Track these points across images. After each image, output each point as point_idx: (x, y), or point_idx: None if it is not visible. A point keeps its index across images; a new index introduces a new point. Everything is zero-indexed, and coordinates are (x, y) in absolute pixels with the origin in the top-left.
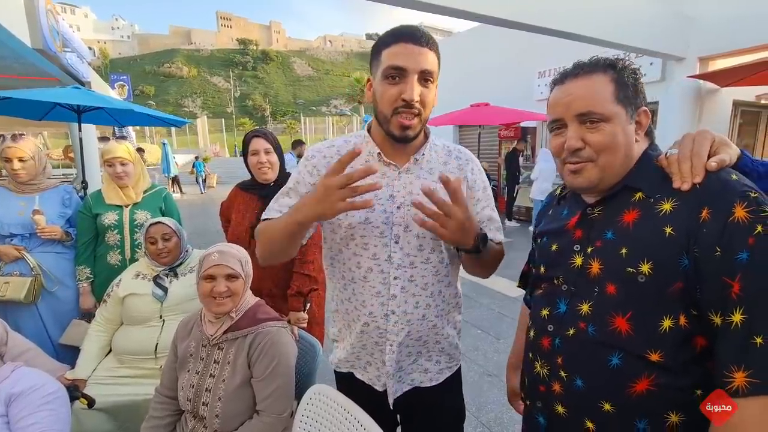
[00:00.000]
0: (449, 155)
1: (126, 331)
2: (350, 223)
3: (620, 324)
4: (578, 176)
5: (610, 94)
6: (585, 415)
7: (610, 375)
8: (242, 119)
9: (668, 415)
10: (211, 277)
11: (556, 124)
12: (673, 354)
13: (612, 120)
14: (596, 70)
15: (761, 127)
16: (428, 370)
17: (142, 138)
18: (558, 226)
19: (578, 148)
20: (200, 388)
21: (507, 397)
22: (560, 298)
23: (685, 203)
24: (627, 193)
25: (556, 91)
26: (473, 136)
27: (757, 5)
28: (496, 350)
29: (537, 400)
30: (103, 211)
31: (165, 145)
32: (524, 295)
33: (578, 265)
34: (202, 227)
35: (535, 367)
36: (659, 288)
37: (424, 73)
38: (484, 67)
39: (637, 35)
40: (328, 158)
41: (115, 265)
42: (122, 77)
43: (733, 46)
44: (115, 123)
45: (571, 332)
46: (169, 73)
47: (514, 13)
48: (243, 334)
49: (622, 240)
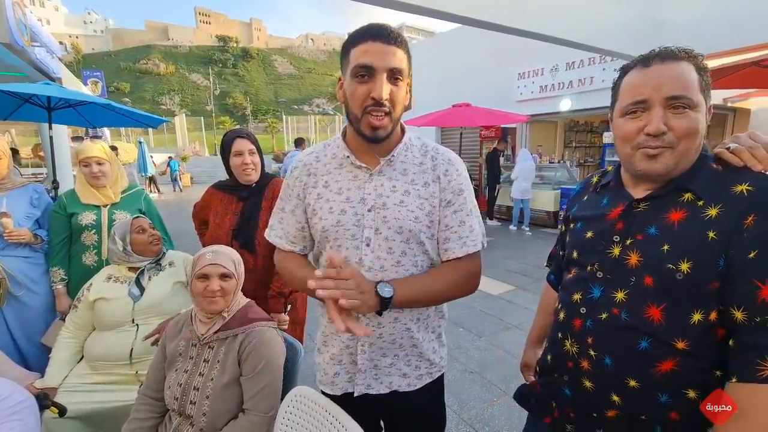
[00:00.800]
0: (425, 155)
1: (98, 336)
2: (323, 227)
3: (654, 313)
4: (655, 162)
5: (696, 83)
6: (611, 389)
7: (638, 356)
8: (222, 118)
9: (687, 391)
10: (204, 276)
11: (637, 106)
12: (697, 343)
13: (697, 108)
14: (684, 57)
15: (728, 129)
16: (407, 375)
17: (118, 137)
18: (596, 214)
19: (663, 132)
20: (188, 387)
21: (519, 367)
22: (594, 284)
23: (732, 208)
24: (677, 192)
25: (639, 73)
26: (455, 136)
27: (723, 11)
28: (477, 348)
29: (564, 374)
30: (80, 211)
31: (141, 143)
32: (548, 274)
33: (616, 254)
34: (179, 228)
35: (564, 345)
36: (695, 285)
37: (393, 72)
38: (465, 68)
39: (610, 39)
40: (308, 165)
41: (91, 266)
42: (96, 73)
43: (702, 51)
44: (86, 124)
45: (604, 316)
46: (146, 69)
47: (492, 15)
48: (234, 334)
49: (665, 237)
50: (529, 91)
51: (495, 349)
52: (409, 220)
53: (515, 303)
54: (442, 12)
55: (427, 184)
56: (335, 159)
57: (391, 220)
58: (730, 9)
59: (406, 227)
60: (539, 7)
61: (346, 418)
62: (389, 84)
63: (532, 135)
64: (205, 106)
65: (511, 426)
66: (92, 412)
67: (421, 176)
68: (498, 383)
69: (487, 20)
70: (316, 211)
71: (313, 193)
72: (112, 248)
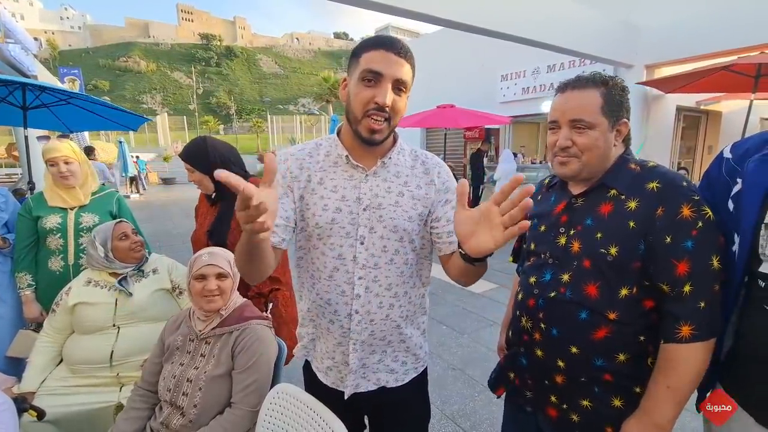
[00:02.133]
0: (416, 160)
1: (77, 340)
2: (317, 223)
3: (591, 290)
4: (564, 167)
5: (597, 107)
6: (557, 356)
7: (579, 326)
8: (206, 117)
9: (618, 354)
10: (202, 277)
11: (553, 124)
12: (625, 313)
13: (596, 128)
14: (590, 86)
15: (701, 130)
16: (394, 371)
17: (97, 136)
18: (546, 210)
19: (567, 146)
20: (182, 379)
21: (496, 349)
22: (546, 269)
23: (646, 202)
24: (604, 189)
25: (557, 98)
26: (439, 136)
27: (697, 18)
28: (460, 345)
29: (521, 347)
30: (45, 214)
31: (122, 143)
32: (516, 267)
33: (562, 243)
34: (153, 231)
35: (521, 321)
36: (622, 265)
37: (398, 82)
38: (449, 69)
39: (590, 44)
40: (300, 160)
41: (57, 272)
42: (73, 71)
43: (676, 56)
44: (63, 128)
45: (553, 295)
46: (126, 67)
47: (475, 19)
48: (230, 330)
49: (598, 226)
50: (511, 92)
51: (477, 346)
52: (403, 219)
53: (497, 300)
54: (425, 15)
55: (419, 187)
56: (329, 157)
57: (387, 219)
58: (701, 16)
59: (401, 226)
60: (520, 11)
61: (329, 416)
62: (393, 93)
63: (515, 136)
64: (188, 105)
65: (492, 420)
66: (72, 415)
67: (414, 179)
68: (480, 379)
69: (469, 23)
70: (309, 206)
71: (307, 188)
72: (93, 254)
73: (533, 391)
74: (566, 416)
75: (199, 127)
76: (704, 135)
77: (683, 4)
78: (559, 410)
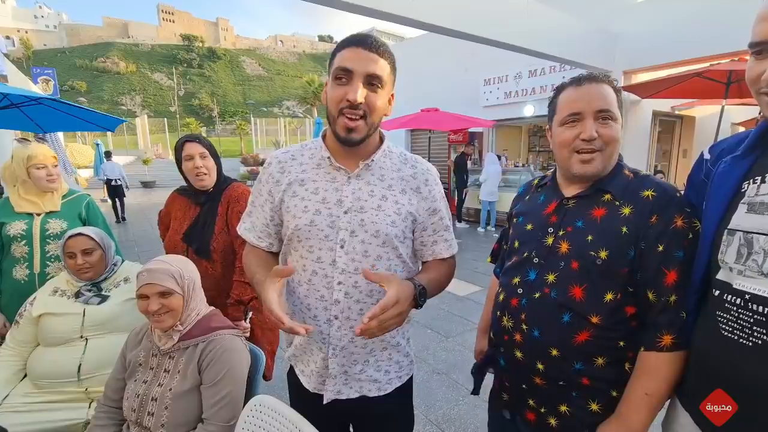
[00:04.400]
0: (404, 163)
1: (42, 353)
2: (296, 225)
3: (576, 292)
4: (588, 165)
5: (615, 100)
6: (537, 358)
7: (561, 328)
8: (188, 119)
9: (596, 358)
10: (144, 296)
11: (573, 117)
12: (607, 318)
13: (617, 120)
14: (604, 81)
15: (676, 134)
16: (377, 380)
17: (73, 138)
18: (535, 209)
19: (594, 138)
20: (146, 398)
21: (474, 354)
22: (531, 268)
23: (640, 209)
24: (599, 193)
25: (573, 90)
26: (424, 139)
27: (673, 26)
28: (445, 348)
29: (500, 347)
30: (9, 220)
31: (99, 145)
32: (494, 268)
33: (549, 243)
34: (133, 235)
35: (502, 321)
36: (610, 270)
37: (370, 77)
38: (433, 73)
39: (570, 49)
40: (283, 163)
41: (22, 280)
42: (47, 71)
43: (652, 62)
44: (35, 129)
45: (537, 295)
46: (104, 68)
47: (458, 23)
48: (195, 343)
49: (590, 229)
50: (494, 97)
51: (462, 350)
52: (386, 224)
53: (482, 303)
54: (409, 19)
55: (404, 192)
56: (313, 159)
57: (369, 223)
58: (677, 24)
59: (383, 231)
60: (502, 17)
61: (310, 429)
62: (366, 89)
63: (498, 140)
64: (168, 107)
65: (476, 425)
66: None
67: (399, 183)
68: (464, 383)
69: (452, 27)
70: (289, 209)
71: (288, 191)
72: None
73: (510, 394)
74: (544, 420)
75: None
76: (679, 139)
77: (660, 12)
78: (537, 414)
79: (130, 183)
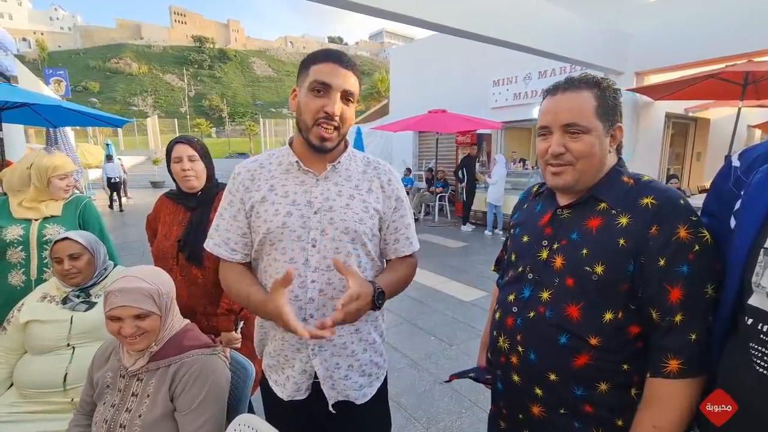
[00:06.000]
0: (368, 165)
1: (28, 361)
2: (268, 228)
3: (573, 311)
4: (558, 177)
5: (592, 110)
6: (535, 383)
7: (558, 351)
8: (198, 120)
9: (599, 384)
10: (116, 318)
11: (543, 130)
12: (608, 339)
13: (591, 132)
14: (583, 87)
15: (690, 137)
16: (362, 386)
17: (84, 138)
18: (531, 220)
19: (560, 153)
20: (114, 424)
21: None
22: (525, 285)
23: (639, 218)
24: (593, 202)
25: (547, 101)
26: (431, 141)
27: (686, 26)
28: (448, 357)
29: (497, 369)
30: (6, 225)
31: (109, 146)
32: (497, 279)
33: (544, 258)
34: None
35: (498, 341)
36: (608, 287)
37: (346, 93)
38: (441, 75)
39: (580, 50)
40: (251, 171)
41: (18, 287)
42: (59, 72)
43: (665, 63)
44: (45, 123)
45: (532, 315)
46: (117, 68)
47: (468, 24)
48: (166, 364)
49: (585, 242)
50: (503, 98)
51: (466, 358)
52: (354, 221)
53: (488, 309)
54: (418, 19)
55: (370, 191)
56: (281, 165)
57: (338, 221)
58: (690, 24)
59: (352, 228)
60: (512, 17)
61: None
62: (341, 103)
63: (507, 142)
64: (179, 108)
65: None
66: None
67: (365, 183)
68: (467, 394)
69: (462, 28)
70: (260, 214)
71: (256, 197)
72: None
73: (507, 422)
74: None
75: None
76: (693, 142)
77: (673, 12)
78: None
79: (140, 183)
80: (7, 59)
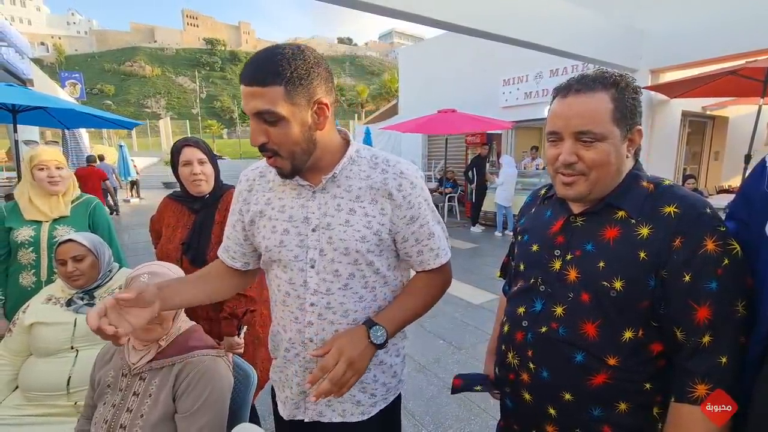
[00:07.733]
0: (374, 168)
1: (33, 364)
2: (267, 246)
3: (589, 329)
4: (569, 188)
5: (608, 114)
6: (548, 402)
7: (573, 370)
8: (209, 121)
9: (618, 403)
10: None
11: (553, 135)
12: (628, 359)
13: (607, 139)
14: (599, 88)
15: (707, 136)
16: (360, 402)
17: (99, 139)
18: (541, 227)
19: (572, 162)
20: (114, 425)
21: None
22: (536, 297)
23: (661, 229)
24: (610, 210)
25: (558, 104)
26: (441, 142)
27: (703, 21)
28: (457, 361)
29: (506, 386)
30: (18, 226)
31: (122, 147)
32: (503, 285)
33: (556, 269)
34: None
35: (507, 357)
36: (628, 304)
37: (260, 114)
38: (451, 74)
39: (593, 47)
40: (251, 181)
41: (29, 287)
42: (74, 75)
43: (681, 60)
44: (59, 125)
45: (543, 330)
46: (131, 71)
47: (478, 22)
48: (170, 363)
49: (601, 254)
50: (514, 97)
51: (475, 363)
52: (355, 240)
53: None
54: (427, 18)
55: (374, 201)
56: (279, 176)
57: (336, 241)
58: (707, 19)
59: (353, 248)
60: (522, 14)
61: None
62: (263, 126)
63: (518, 141)
64: (191, 110)
65: None
66: None
67: (368, 192)
68: (476, 400)
69: (472, 26)
70: (259, 229)
71: (254, 210)
72: None
73: None
74: None
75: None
76: (710, 141)
77: (688, 7)
78: None
79: (152, 184)
80: (23, 63)
